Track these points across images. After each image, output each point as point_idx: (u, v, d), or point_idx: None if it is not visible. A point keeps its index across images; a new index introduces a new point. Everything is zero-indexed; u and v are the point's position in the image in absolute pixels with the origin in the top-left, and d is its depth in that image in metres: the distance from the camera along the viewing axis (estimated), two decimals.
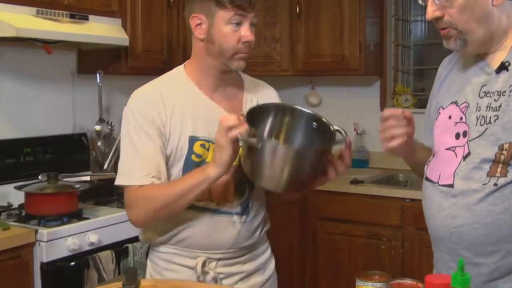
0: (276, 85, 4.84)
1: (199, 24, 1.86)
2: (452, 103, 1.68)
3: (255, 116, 1.74)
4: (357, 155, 4.32)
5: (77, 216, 2.87)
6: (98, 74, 3.42)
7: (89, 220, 2.85)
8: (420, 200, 3.31)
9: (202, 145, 1.86)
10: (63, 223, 2.76)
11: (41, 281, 2.63)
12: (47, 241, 2.63)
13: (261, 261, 2.01)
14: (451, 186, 1.61)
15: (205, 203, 1.87)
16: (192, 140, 1.86)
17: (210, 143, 1.85)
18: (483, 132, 1.58)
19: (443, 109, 1.71)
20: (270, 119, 1.84)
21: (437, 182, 1.66)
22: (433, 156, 1.72)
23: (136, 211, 1.85)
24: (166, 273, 1.91)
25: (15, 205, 2.98)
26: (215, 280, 1.89)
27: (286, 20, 4.15)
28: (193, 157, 1.86)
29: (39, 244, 2.63)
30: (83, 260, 2.73)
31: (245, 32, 1.83)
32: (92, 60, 3.53)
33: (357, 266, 3.62)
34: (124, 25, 3.35)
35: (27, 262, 2.60)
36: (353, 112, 4.35)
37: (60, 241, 2.68)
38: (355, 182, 3.71)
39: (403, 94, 4.26)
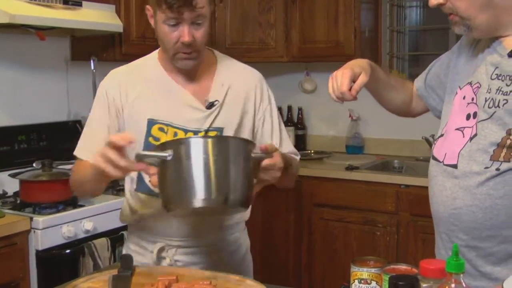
0: (271, 72, 4.87)
1: (151, 16, 1.87)
2: (468, 83, 1.66)
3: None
4: (352, 141, 4.32)
5: (72, 203, 2.87)
6: (92, 61, 3.41)
7: (84, 208, 2.85)
8: (415, 186, 3.37)
9: (161, 129, 1.85)
10: (58, 211, 2.76)
11: (37, 269, 2.64)
12: (42, 229, 2.63)
13: (226, 254, 1.97)
14: (455, 166, 1.60)
15: None
16: (151, 123, 1.86)
17: (169, 127, 1.86)
18: (491, 115, 1.56)
19: (460, 89, 1.68)
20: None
21: (442, 161, 1.65)
22: (442, 135, 1.71)
23: (70, 178, 1.95)
24: (135, 256, 1.90)
25: (10, 193, 2.98)
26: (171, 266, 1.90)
27: (281, 6, 4.13)
28: (151, 140, 1.85)
29: (34, 231, 2.63)
30: (78, 247, 2.73)
31: (182, 32, 1.78)
32: (86, 46, 3.51)
33: (352, 252, 3.63)
34: (118, 12, 3.32)
35: (22, 250, 2.60)
36: None
37: (55, 229, 2.68)
38: (350, 168, 3.72)
39: None
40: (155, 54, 1.98)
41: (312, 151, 4.41)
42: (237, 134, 1.91)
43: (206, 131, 1.86)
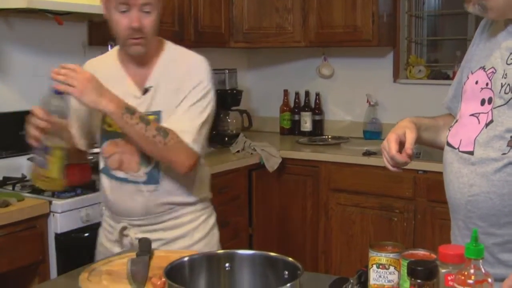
0: (288, 57, 4.86)
1: (105, 5, 2.01)
2: (480, 68, 1.63)
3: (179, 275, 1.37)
4: (370, 126, 4.30)
5: (91, 187, 2.88)
6: (109, 46, 3.40)
7: None
8: (432, 172, 3.35)
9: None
10: (76, 195, 2.78)
11: (56, 252, 2.66)
12: (61, 212, 2.65)
13: (187, 228, 2.09)
14: (471, 153, 1.59)
15: (115, 172, 2.04)
16: None
17: None
18: (508, 101, 1.53)
19: (472, 74, 1.66)
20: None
21: (458, 148, 1.63)
22: (456, 121, 1.69)
23: None
24: (104, 233, 2.17)
25: (29, 177, 3.00)
26: (132, 244, 2.03)
27: None
28: (106, 127, 2.04)
29: (53, 215, 2.65)
30: (97, 231, 2.75)
31: (131, 18, 1.91)
32: (103, 31, 3.47)
33: (369, 238, 3.63)
34: None
35: (42, 233, 2.63)
36: (366, 84, 4.32)
37: (74, 212, 2.70)
38: (367, 153, 3.70)
39: (416, 65, 4.23)
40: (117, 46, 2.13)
41: (330, 137, 4.40)
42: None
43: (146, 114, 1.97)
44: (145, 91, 2.01)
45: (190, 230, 2.09)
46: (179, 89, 1.99)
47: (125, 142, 2.00)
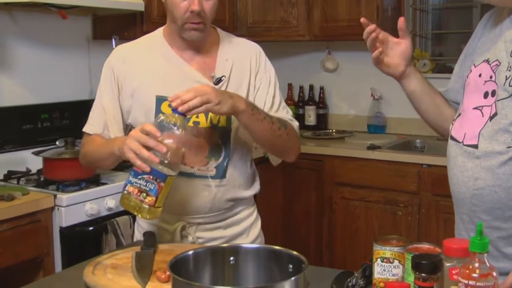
0: (292, 50, 4.85)
1: None
2: (484, 61, 1.63)
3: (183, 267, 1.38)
4: (374, 120, 4.30)
5: (95, 181, 2.89)
6: (113, 40, 3.41)
7: (107, 185, 2.87)
8: (437, 166, 3.35)
9: (170, 105, 1.76)
10: (81, 188, 2.79)
11: (61, 245, 2.67)
12: (66, 206, 2.66)
13: (245, 225, 2.02)
14: (476, 146, 1.58)
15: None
16: (160, 100, 1.87)
17: None
18: None
19: (475, 66, 1.65)
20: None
21: (462, 141, 1.63)
22: (459, 114, 1.69)
23: (80, 152, 2.06)
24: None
25: (34, 171, 3.01)
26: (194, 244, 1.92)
27: None
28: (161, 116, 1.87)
29: (58, 209, 2.65)
30: (101, 225, 2.76)
31: (191, 2, 1.81)
32: (107, 25, 3.51)
33: (373, 232, 3.63)
34: None
35: (47, 227, 2.64)
36: (370, 77, 4.29)
37: (78, 206, 2.71)
38: (372, 147, 3.70)
39: (421, 59, 4.22)
40: (160, 31, 2.00)
41: (334, 130, 4.40)
42: None
43: None
44: (218, 81, 1.91)
45: (247, 227, 2.02)
46: (248, 78, 1.94)
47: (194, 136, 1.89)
